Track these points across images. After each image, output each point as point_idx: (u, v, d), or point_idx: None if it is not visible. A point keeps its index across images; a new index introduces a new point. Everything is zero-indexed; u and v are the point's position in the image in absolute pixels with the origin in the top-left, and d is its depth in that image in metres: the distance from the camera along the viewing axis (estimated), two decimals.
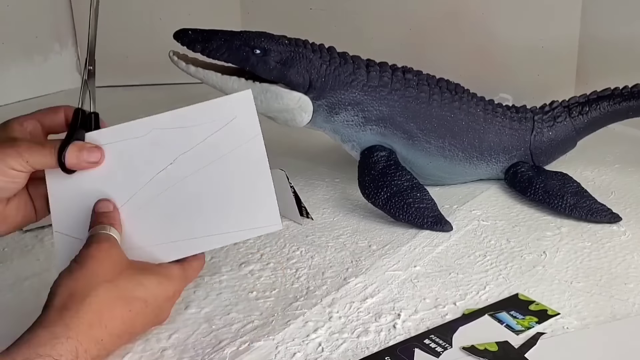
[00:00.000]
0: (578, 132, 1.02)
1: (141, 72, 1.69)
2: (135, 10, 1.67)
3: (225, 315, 0.67)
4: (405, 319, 0.66)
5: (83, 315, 0.53)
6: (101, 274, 0.55)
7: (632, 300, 0.69)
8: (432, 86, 0.95)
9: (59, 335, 0.50)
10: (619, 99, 1.01)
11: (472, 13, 1.40)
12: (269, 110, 0.90)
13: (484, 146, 0.97)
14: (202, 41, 0.86)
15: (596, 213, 0.87)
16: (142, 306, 0.57)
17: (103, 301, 0.54)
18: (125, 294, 0.56)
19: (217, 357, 0.60)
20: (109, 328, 0.54)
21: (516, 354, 0.60)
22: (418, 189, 0.89)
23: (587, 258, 0.78)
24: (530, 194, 0.93)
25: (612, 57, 1.27)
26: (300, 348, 0.62)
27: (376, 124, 0.93)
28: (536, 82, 1.36)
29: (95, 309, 0.53)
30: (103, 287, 0.55)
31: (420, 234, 0.85)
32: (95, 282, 0.55)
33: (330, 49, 0.92)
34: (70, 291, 0.54)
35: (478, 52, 1.41)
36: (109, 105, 1.50)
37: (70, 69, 1.69)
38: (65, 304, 0.53)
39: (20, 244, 0.84)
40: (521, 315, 0.66)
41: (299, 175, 1.04)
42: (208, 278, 0.74)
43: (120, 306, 0.55)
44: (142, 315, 0.57)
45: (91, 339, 0.52)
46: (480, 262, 0.78)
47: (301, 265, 0.78)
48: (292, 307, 0.68)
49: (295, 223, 0.88)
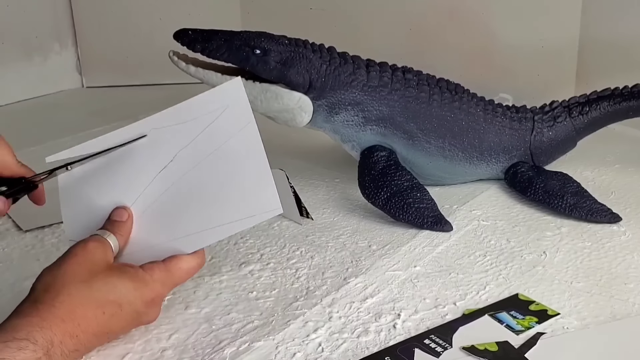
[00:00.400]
0: (578, 132, 1.02)
1: (141, 72, 1.69)
2: (135, 10, 1.67)
3: (225, 315, 0.67)
4: (405, 319, 0.66)
5: (55, 311, 0.54)
6: (77, 273, 0.56)
7: (632, 300, 0.69)
8: (432, 86, 0.95)
9: (34, 324, 0.52)
10: (619, 99, 1.01)
11: (472, 13, 1.40)
12: (269, 110, 0.90)
13: (484, 146, 0.97)
14: (202, 41, 0.86)
15: (596, 213, 0.87)
16: (116, 309, 0.57)
17: (74, 300, 0.55)
18: (97, 296, 0.56)
19: (217, 357, 0.60)
20: (82, 326, 0.55)
21: (516, 354, 0.60)
22: (418, 189, 0.89)
23: (587, 258, 0.78)
24: (530, 194, 0.93)
25: (612, 57, 1.27)
26: (300, 348, 0.62)
27: (376, 124, 0.93)
28: (536, 82, 1.36)
29: (67, 306, 0.54)
30: (75, 287, 0.56)
31: (420, 234, 0.85)
32: (69, 280, 0.56)
33: (330, 49, 0.92)
34: (45, 287, 0.56)
35: (478, 52, 1.41)
36: (109, 105, 1.51)
37: (70, 69, 1.69)
38: (40, 298, 0.54)
39: (20, 244, 0.84)
40: (521, 315, 0.66)
41: (299, 175, 1.04)
42: (208, 278, 0.74)
43: (92, 307, 0.56)
44: (116, 318, 0.57)
45: (65, 332, 0.53)
46: (480, 262, 0.78)
47: (301, 265, 0.78)
48: (292, 307, 0.68)
49: (295, 223, 0.88)
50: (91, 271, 0.57)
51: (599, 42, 1.29)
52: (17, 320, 0.52)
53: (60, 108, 1.53)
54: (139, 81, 1.70)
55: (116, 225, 0.63)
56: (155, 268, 0.61)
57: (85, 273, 0.57)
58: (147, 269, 0.60)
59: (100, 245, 0.60)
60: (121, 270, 0.59)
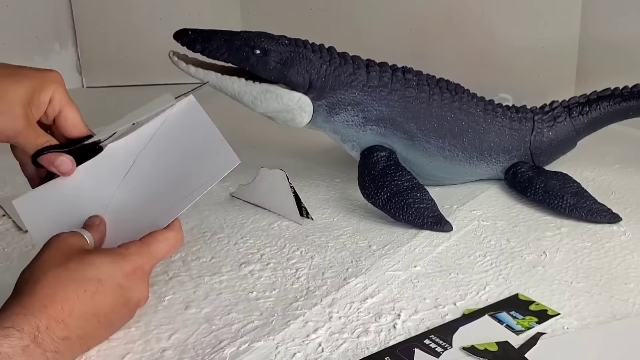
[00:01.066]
0: (578, 132, 1.02)
1: (141, 72, 1.69)
2: (135, 10, 1.67)
3: (225, 315, 0.67)
4: (405, 319, 0.66)
5: (36, 297, 0.54)
6: (52, 260, 0.57)
7: (632, 300, 0.69)
8: (432, 86, 0.95)
9: (17, 312, 0.52)
10: (619, 99, 1.01)
11: (472, 13, 1.40)
12: (269, 110, 0.90)
13: (484, 146, 0.97)
14: (202, 41, 0.86)
15: (596, 213, 0.87)
16: (97, 285, 0.57)
17: (53, 284, 0.55)
18: (76, 275, 0.56)
19: (217, 357, 0.60)
20: (66, 309, 0.54)
21: (516, 354, 0.60)
22: (418, 189, 0.89)
23: (587, 258, 0.78)
24: (530, 194, 0.93)
25: (612, 57, 1.27)
26: (300, 348, 0.62)
27: (376, 124, 0.93)
28: (536, 82, 1.36)
29: (47, 291, 0.54)
30: (52, 271, 0.56)
31: (420, 234, 0.85)
32: (47, 267, 0.56)
33: (330, 49, 0.92)
34: (24, 279, 0.56)
35: (478, 52, 1.41)
36: (109, 105, 1.51)
37: (70, 69, 1.69)
38: (20, 290, 0.55)
39: (20, 244, 0.84)
40: (521, 316, 0.66)
41: (299, 175, 1.04)
42: (208, 278, 0.74)
43: (73, 287, 0.56)
44: (100, 294, 0.57)
45: (50, 317, 0.53)
46: (480, 262, 0.78)
47: (301, 265, 0.78)
48: (292, 307, 0.68)
49: (295, 223, 0.88)
50: (65, 255, 0.58)
51: (599, 42, 1.29)
52: (1, 314, 0.52)
53: None
54: (139, 81, 1.70)
55: (89, 226, 0.64)
56: (131, 244, 0.61)
57: (60, 258, 0.57)
58: (122, 245, 0.61)
59: (75, 235, 0.61)
60: (96, 250, 0.61)
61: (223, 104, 0.95)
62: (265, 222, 0.89)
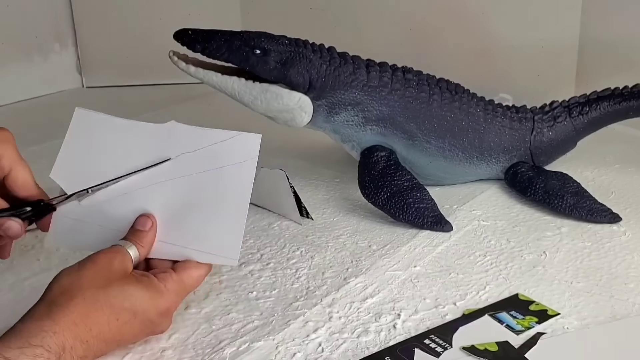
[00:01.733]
0: (578, 132, 1.02)
1: (141, 72, 1.69)
2: (135, 10, 1.67)
3: (225, 315, 0.67)
4: (405, 319, 0.66)
5: (69, 314, 0.54)
6: (95, 279, 0.57)
7: (632, 300, 0.69)
8: (432, 86, 0.95)
9: (47, 328, 0.52)
10: (619, 99, 1.01)
11: (472, 13, 1.40)
12: (269, 110, 0.90)
13: (484, 146, 0.97)
14: (202, 41, 0.86)
15: (596, 213, 0.87)
16: (130, 317, 0.57)
17: (89, 304, 0.55)
18: (113, 302, 0.56)
19: (217, 357, 0.60)
20: (93, 331, 0.55)
21: (516, 354, 0.60)
22: (418, 189, 0.89)
23: (587, 258, 0.78)
24: (530, 194, 0.93)
25: (612, 57, 1.27)
26: (300, 348, 0.62)
27: (376, 124, 0.93)
28: (536, 82, 1.36)
29: (81, 310, 0.54)
30: (91, 292, 0.56)
31: (420, 234, 0.85)
32: (86, 285, 0.56)
33: (330, 49, 0.92)
34: (62, 289, 0.55)
35: (478, 52, 1.41)
36: (109, 105, 1.51)
37: (70, 69, 1.69)
38: (55, 300, 0.54)
39: (20, 244, 0.84)
40: (521, 315, 0.66)
41: (299, 175, 1.04)
42: (208, 278, 0.74)
43: (106, 313, 0.56)
44: (129, 325, 0.57)
45: (76, 337, 0.53)
46: (480, 262, 0.78)
47: (301, 265, 0.78)
48: (292, 307, 0.68)
49: (295, 223, 0.88)
50: (108, 279, 0.57)
51: (599, 42, 1.29)
52: (31, 324, 0.52)
53: (60, 108, 1.52)
54: (139, 81, 1.70)
55: (138, 236, 0.63)
56: (169, 278, 0.61)
57: (103, 279, 0.57)
58: (161, 279, 0.60)
59: (120, 255, 0.60)
60: (137, 279, 0.59)
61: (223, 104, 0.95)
62: (265, 222, 0.89)
